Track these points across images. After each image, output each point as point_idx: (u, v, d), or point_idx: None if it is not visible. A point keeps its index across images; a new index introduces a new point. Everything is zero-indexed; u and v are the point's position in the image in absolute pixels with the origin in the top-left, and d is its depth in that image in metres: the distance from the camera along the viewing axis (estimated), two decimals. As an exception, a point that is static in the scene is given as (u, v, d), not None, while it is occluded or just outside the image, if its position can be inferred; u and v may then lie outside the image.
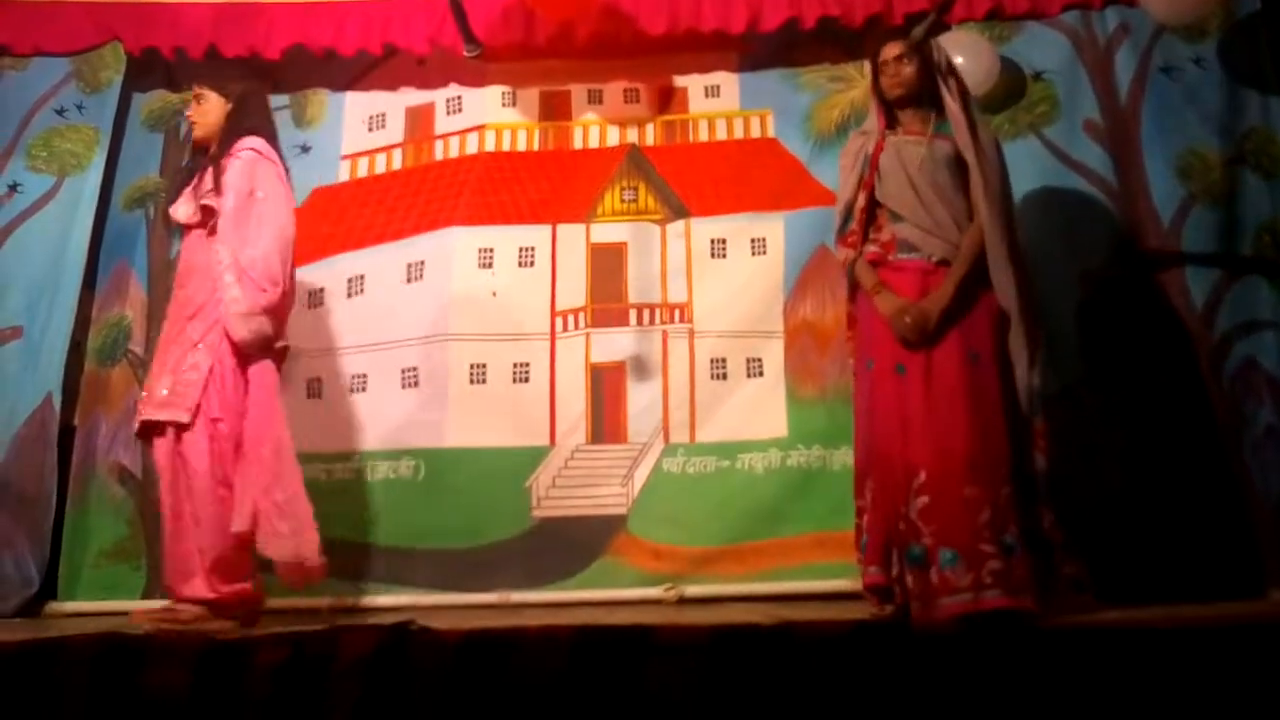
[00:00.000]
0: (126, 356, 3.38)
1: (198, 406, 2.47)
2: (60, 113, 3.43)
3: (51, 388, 3.17)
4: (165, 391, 2.48)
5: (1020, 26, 3.30)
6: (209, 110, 2.68)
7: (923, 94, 2.48)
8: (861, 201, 2.49)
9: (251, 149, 2.62)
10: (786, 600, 2.82)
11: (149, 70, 3.56)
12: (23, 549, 3.05)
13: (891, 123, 2.53)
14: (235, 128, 2.66)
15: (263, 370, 2.55)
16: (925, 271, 2.39)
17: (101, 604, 3.09)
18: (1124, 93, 3.22)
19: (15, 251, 3.30)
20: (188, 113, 2.76)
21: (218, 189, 2.58)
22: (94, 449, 3.29)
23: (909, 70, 2.49)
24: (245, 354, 2.53)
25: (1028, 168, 3.16)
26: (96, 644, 1.49)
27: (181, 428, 2.47)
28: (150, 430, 2.52)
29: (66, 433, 3.23)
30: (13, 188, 3.36)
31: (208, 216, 2.60)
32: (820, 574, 2.98)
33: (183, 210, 2.65)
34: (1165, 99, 3.18)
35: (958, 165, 2.42)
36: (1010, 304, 2.32)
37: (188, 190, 2.66)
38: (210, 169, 2.62)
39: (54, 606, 3.08)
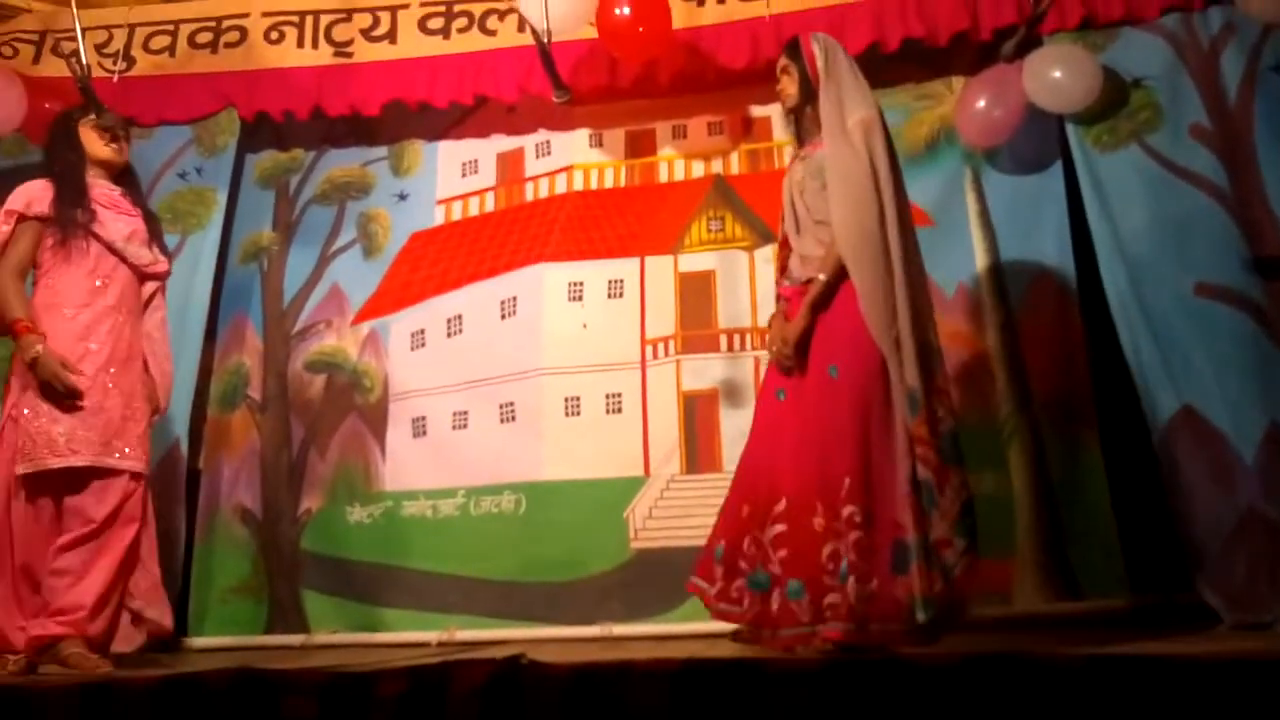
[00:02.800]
0: (245, 402, 3.58)
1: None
2: (182, 176, 3.65)
3: (179, 433, 3.34)
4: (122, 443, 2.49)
5: (1116, 33, 3.19)
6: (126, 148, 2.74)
7: (811, 106, 2.38)
8: (779, 236, 2.51)
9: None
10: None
11: (259, 132, 3.78)
12: (156, 587, 3.23)
13: (801, 142, 2.49)
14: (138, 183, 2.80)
15: None
16: (801, 294, 2.34)
17: (229, 639, 3.25)
18: (1233, 94, 3.06)
19: (145, 307, 3.52)
20: (115, 145, 2.67)
21: (164, 248, 2.71)
22: (218, 491, 3.47)
23: (790, 83, 2.43)
24: None
25: (1132, 178, 3.05)
26: (233, 677, 1.58)
27: (138, 478, 2.52)
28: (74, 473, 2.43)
29: (192, 476, 3.41)
30: (142, 248, 3.59)
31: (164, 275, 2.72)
32: (926, 605, 2.89)
33: (145, 255, 2.65)
34: (1278, 98, 3.02)
35: None
36: (862, 303, 2.18)
37: (134, 233, 2.64)
38: (151, 224, 2.71)
39: (184, 642, 3.23)
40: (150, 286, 2.70)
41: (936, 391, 2.19)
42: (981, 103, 3.19)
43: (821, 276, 2.27)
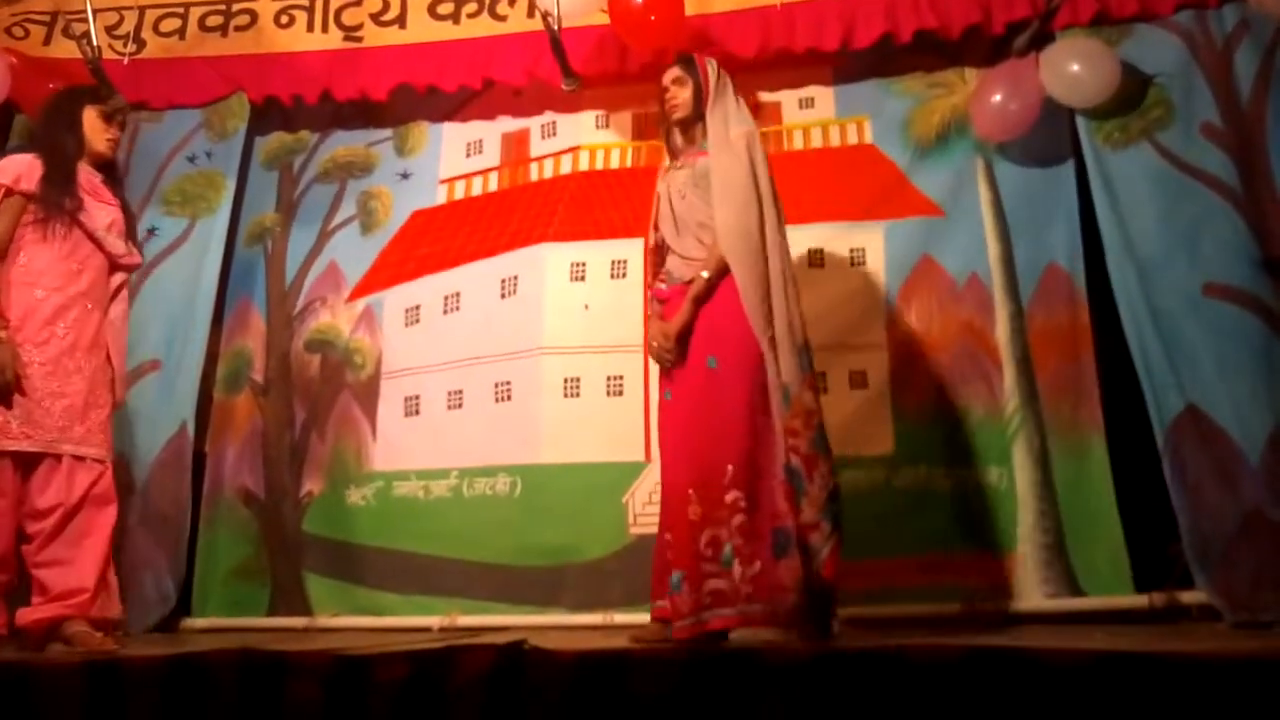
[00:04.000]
0: (249, 385, 3.58)
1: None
2: (191, 160, 3.65)
3: (186, 416, 3.35)
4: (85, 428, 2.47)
5: (1129, 29, 3.16)
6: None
7: (700, 115, 2.48)
8: (651, 241, 2.60)
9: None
10: (894, 624, 2.73)
11: (268, 116, 3.77)
12: (161, 568, 3.22)
13: (677, 152, 2.56)
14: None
15: None
16: (682, 294, 2.40)
17: (230, 620, 3.26)
18: (1246, 93, 3.04)
19: (153, 290, 3.47)
20: (111, 135, 2.66)
21: (136, 241, 2.69)
22: (222, 474, 3.47)
23: (684, 93, 2.51)
24: None
25: (1142, 176, 3.03)
26: (238, 658, 1.59)
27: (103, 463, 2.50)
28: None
29: (198, 458, 3.41)
30: (151, 231, 3.54)
31: (135, 268, 2.70)
32: (928, 597, 2.90)
33: (120, 246, 2.63)
34: (1292, 97, 3.00)
35: None
36: (744, 300, 2.27)
37: (113, 223, 2.62)
38: (128, 216, 2.68)
39: (188, 622, 3.26)
40: (118, 278, 2.68)
41: (809, 385, 2.29)
42: (997, 96, 3.16)
43: (704, 273, 2.36)
